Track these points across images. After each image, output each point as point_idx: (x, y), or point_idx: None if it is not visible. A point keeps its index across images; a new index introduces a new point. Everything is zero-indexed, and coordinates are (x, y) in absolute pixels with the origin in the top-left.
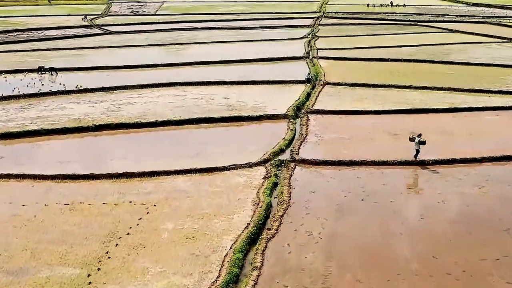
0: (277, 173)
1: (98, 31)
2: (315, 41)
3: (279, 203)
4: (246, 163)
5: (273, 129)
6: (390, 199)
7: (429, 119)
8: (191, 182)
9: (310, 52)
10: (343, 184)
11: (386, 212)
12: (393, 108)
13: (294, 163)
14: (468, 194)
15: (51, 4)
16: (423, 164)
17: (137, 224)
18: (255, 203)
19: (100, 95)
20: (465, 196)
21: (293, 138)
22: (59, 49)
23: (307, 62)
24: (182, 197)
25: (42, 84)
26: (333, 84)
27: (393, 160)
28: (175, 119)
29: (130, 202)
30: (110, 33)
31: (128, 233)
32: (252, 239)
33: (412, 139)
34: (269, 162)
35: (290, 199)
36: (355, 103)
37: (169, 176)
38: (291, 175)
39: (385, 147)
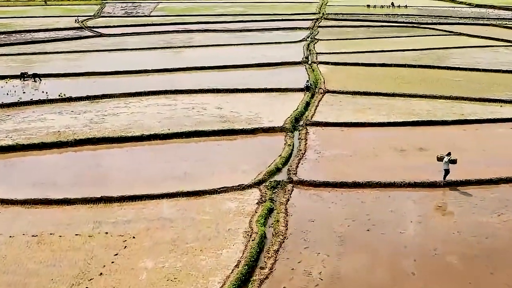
0: (273, 196)
1: (88, 33)
2: (314, 44)
3: (274, 234)
4: (239, 185)
5: (269, 144)
6: (399, 229)
7: (437, 133)
8: (177, 208)
9: (309, 57)
10: (346, 210)
11: (395, 246)
12: (398, 120)
13: (291, 185)
14: (486, 223)
15: (47, 5)
16: (434, 186)
17: (112, 262)
18: (247, 235)
19: (84, 104)
20: (483, 226)
21: (290, 154)
22: (46, 53)
23: (306, 68)
24: (165, 227)
25: (24, 92)
26: (334, 92)
27: (401, 182)
28: (162, 132)
29: (107, 233)
30: (101, 35)
31: (101, 273)
32: (243, 281)
33: (440, 159)
34: (264, 184)
35: (286, 229)
36: (358, 114)
37: (152, 201)
38: (288, 199)
39: (391, 165)
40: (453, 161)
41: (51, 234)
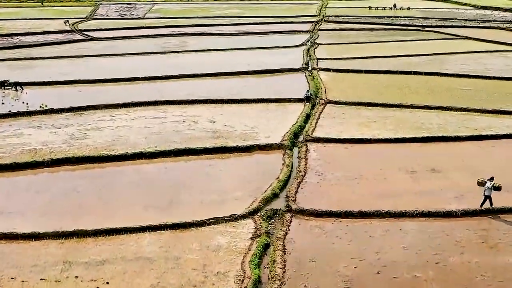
0: (269, 229)
1: (79, 37)
2: (314, 49)
3: (270, 277)
4: (231, 216)
5: (265, 164)
6: (414, 272)
7: (450, 150)
8: (159, 245)
9: (309, 63)
10: (352, 247)
11: None
12: (407, 136)
13: (290, 214)
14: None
15: (43, 6)
16: (450, 215)
17: None
18: (239, 280)
19: (66, 117)
20: (509, 269)
21: (289, 176)
22: (31, 58)
23: (306, 75)
24: (144, 270)
25: (3, 103)
26: (336, 102)
27: (413, 211)
28: (149, 150)
29: (77, 277)
30: (92, 39)
31: None
32: None
33: (481, 183)
34: (259, 214)
35: (284, 271)
36: (362, 128)
37: (132, 235)
38: (286, 233)
39: (401, 190)
40: (498, 188)
41: (12, 278)
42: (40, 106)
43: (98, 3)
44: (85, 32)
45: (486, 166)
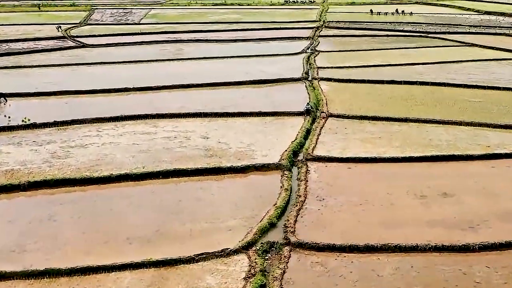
0: (265, 266)
1: (71, 43)
2: (315, 57)
3: None
4: (222, 251)
5: (262, 187)
6: None
7: (462, 171)
8: (141, 286)
9: (309, 72)
10: None
11: None
12: (415, 155)
13: (289, 248)
14: None
15: (40, 11)
16: (467, 250)
17: None
18: None
19: (49, 132)
20: None
21: (288, 202)
22: (19, 67)
23: (306, 85)
24: None
25: None
26: (338, 116)
27: (426, 245)
28: (135, 171)
29: None
30: (84, 46)
31: None
32: None
33: None
34: (254, 248)
35: None
36: (366, 145)
37: (110, 274)
38: (284, 272)
39: (411, 218)
40: None
41: None
42: (23, 120)
43: (94, 8)
44: (78, 39)
45: (501, 189)
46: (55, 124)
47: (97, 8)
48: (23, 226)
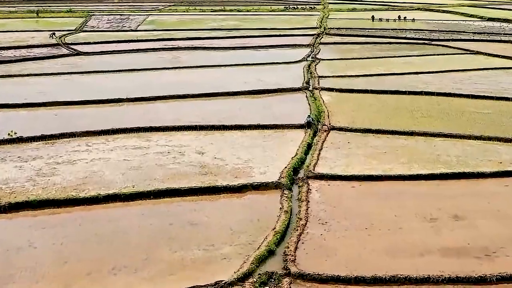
0: None
1: (65, 51)
2: (315, 65)
3: None
4: (216, 283)
5: (260, 209)
6: None
7: (473, 190)
8: None
9: (310, 81)
10: None
11: None
12: (422, 172)
13: (289, 280)
14: None
15: (38, 17)
16: (484, 281)
17: None
18: None
19: (36, 147)
20: None
21: (288, 226)
22: (9, 76)
23: (306, 96)
24: None
25: None
26: (340, 129)
27: (439, 276)
28: (124, 191)
29: None
30: (78, 54)
31: None
32: None
33: None
34: (250, 280)
35: None
36: (371, 162)
37: None
38: None
39: (421, 244)
40: None
41: None
42: (9, 134)
43: (91, 14)
44: (72, 46)
45: None
46: (42, 138)
47: (94, 14)
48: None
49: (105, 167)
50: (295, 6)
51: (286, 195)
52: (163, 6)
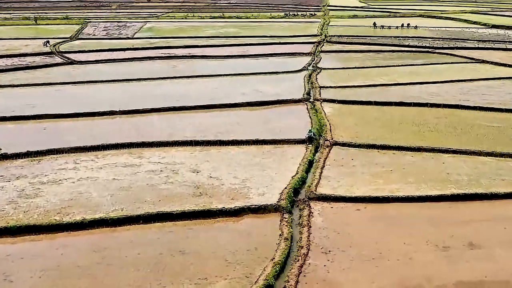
0: None
1: (58, 60)
2: (316, 75)
3: None
4: None
5: (258, 236)
6: None
7: (488, 213)
8: None
9: (311, 92)
10: None
11: None
12: (432, 193)
13: None
14: None
15: (37, 24)
16: None
17: None
18: None
19: (21, 164)
20: None
21: (288, 255)
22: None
23: (307, 108)
24: None
25: None
26: (343, 144)
27: None
28: (112, 215)
29: None
30: (71, 63)
31: None
32: None
33: None
34: None
35: None
36: (377, 181)
37: None
38: None
39: (435, 278)
40: None
41: None
42: None
43: (88, 21)
44: (66, 55)
45: None
46: (28, 154)
47: (91, 22)
48: None
49: (93, 187)
50: (295, 13)
51: (286, 219)
52: (161, 13)
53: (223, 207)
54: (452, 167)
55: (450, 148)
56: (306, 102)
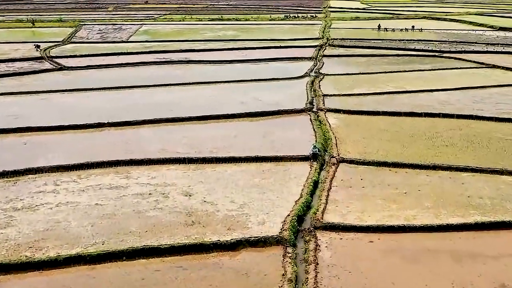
0: None
1: (48, 65)
2: (319, 81)
3: None
4: None
5: (257, 277)
6: None
7: None
8: None
9: (314, 100)
10: None
11: None
12: (453, 222)
13: None
14: None
15: (34, 26)
16: None
17: None
18: None
19: None
20: None
21: None
22: None
23: (311, 119)
24: None
25: None
26: (351, 161)
27: None
28: (92, 250)
29: None
30: (61, 68)
31: None
32: None
33: None
34: None
35: None
36: (390, 206)
37: None
38: None
39: None
40: None
41: None
42: None
43: (82, 24)
44: (56, 60)
45: None
46: (4, 174)
47: (85, 24)
48: None
49: (72, 215)
50: (296, 15)
51: (289, 254)
52: (158, 15)
53: (218, 240)
54: (472, 189)
55: (468, 166)
56: (309, 112)
